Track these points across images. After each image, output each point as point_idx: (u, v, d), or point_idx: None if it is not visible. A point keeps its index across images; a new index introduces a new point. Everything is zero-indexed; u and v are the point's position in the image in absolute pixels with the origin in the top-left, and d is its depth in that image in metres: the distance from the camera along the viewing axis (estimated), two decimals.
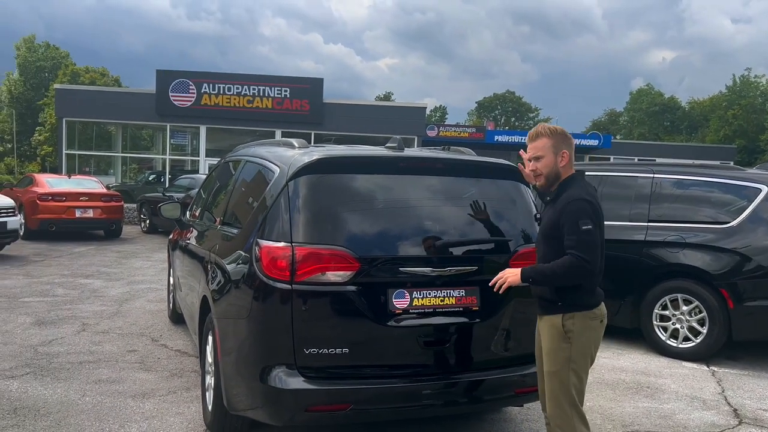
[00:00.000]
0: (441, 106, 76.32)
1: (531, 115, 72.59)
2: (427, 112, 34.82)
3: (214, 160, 24.58)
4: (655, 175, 6.61)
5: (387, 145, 3.91)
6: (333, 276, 3.26)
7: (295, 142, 3.93)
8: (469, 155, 4.08)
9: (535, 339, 3.23)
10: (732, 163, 32.73)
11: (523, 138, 32.97)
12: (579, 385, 2.98)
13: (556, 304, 2.99)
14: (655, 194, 6.50)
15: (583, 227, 2.84)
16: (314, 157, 3.48)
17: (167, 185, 21.24)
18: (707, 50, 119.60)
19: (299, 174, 3.42)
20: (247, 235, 3.61)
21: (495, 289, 3.07)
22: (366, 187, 3.54)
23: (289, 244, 3.26)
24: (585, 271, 2.84)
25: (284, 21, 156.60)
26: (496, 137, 32.91)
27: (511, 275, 3.01)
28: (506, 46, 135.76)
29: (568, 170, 3.05)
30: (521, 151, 3.19)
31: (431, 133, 31.10)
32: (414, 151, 4.16)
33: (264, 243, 3.34)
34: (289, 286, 3.22)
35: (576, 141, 31.83)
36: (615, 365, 5.79)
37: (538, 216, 3.16)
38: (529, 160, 3.08)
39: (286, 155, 3.71)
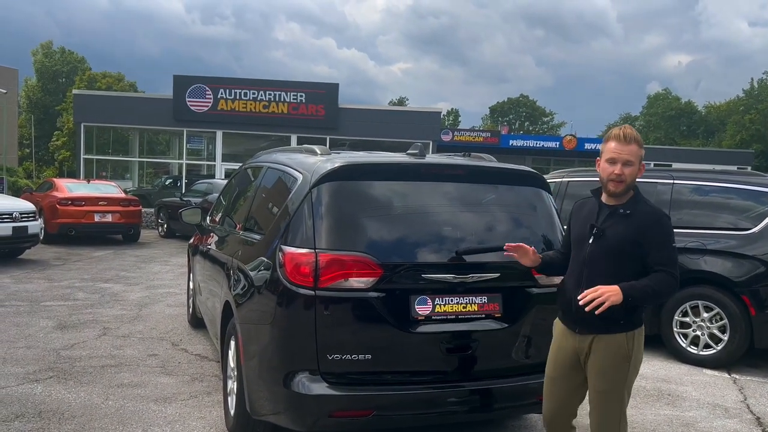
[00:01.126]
0: (454, 109, 76.42)
1: (545, 119, 72.42)
2: (441, 116, 34.81)
3: (230, 165, 24.78)
4: (675, 181, 6.57)
5: (408, 151, 3.93)
6: (356, 282, 3.28)
7: (317, 148, 3.96)
8: (490, 162, 4.10)
9: (555, 354, 3.07)
10: (749, 168, 32.42)
11: (538, 142, 32.90)
12: (628, 399, 2.94)
13: (618, 322, 2.83)
14: (675, 200, 6.47)
15: (673, 244, 2.83)
16: (337, 164, 3.51)
17: (184, 190, 21.40)
18: (724, 54, 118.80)
19: (322, 181, 3.45)
20: (270, 241, 3.64)
21: (588, 309, 2.72)
22: (388, 193, 3.56)
23: (313, 251, 3.28)
24: (676, 288, 2.82)
25: (298, 26, 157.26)
26: (511, 141, 32.86)
27: (612, 295, 2.69)
28: (520, 50, 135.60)
29: None
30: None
31: (446, 138, 31.14)
32: (436, 158, 4.18)
33: (287, 249, 3.37)
34: (312, 292, 3.25)
35: (592, 145, 31.46)
36: None
37: (597, 227, 2.88)
38: (613, 162, 2.82)
39: (308, 162, 3.75)
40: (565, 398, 3.03)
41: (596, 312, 2.71)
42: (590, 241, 2.88)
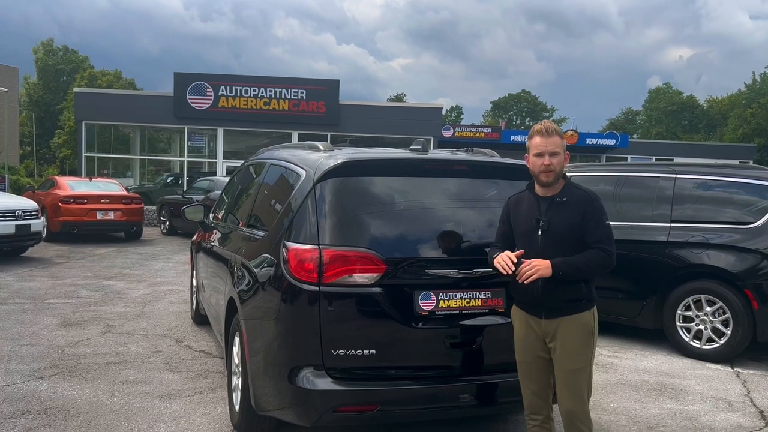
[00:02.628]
0: (456, 106, 76.23)
1: (546, 114, 72.27)
2: (443, 112, 34.73)
3: (232, 162, 24.75)
4: (678, 176, 6.57)
5: (411, 147, 3.94)
6: (360, 278, 3.29)
7: (320, 145, 3.96)
8: (492, 157, 4.11)
9: (524, 341, 3.18)
10: (751, 162, 32.36)
11: None
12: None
13: (581, 302, 3.05)
14: (678, 195, 6.47)
15: (606, 222, 3.02)
16: (340, 161, 3.51)
17: (186, 187, 21.40)
18: (725, 48, 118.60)
19: (325, 177, 3.46)
20: (274, 238, 3.65)
21: (521, 280, 2.98)
22: (391, 189, 3.57)
23: (317, 247, 3.29)
24: (611, 263, 3.00)
25: (297, 22, 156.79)
26: (512, 137, 32.78)
27: (542, 267, 2.93)
28: (521, 45, 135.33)
29: None
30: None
31: (447, 134, 31.08)
32: (438, 153, 4.18)
33: (291, 245, 3.37)
34: (316, 288, 3.26)
35: (593, 140, 31.23)
36: (638, 366, 5.77)
37: (543, 220, 3.05)
38: (540, 155, 3.03)
39: (311, 158, 3.75)
40: (541, 376, 3.19)
41: (526, 282, 2.95)
42: (539, 234, 3.05)
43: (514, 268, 2.99)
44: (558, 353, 3.05)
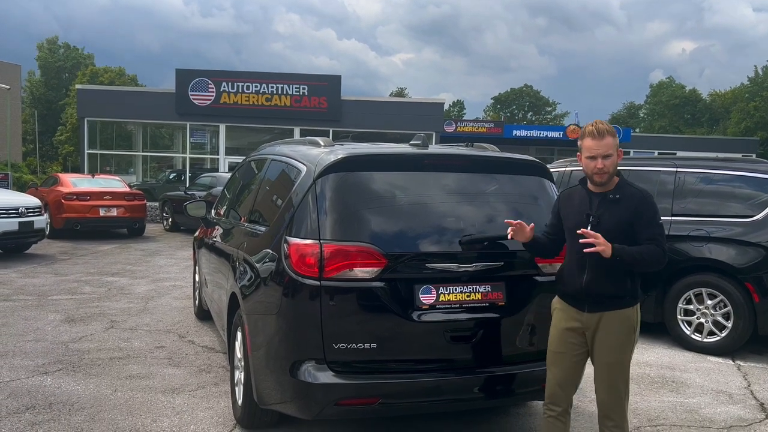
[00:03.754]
0: (458, 101, 76.22)
1: (548, 109, 72.18)
2: (445, 107, 34.71)
3: (234, 158, 24.79)
4: (678, 169, 6.58)
5: (411, 142, 3.96)
6: (360, 272, 3.31)
7: (320, 140, 3.98)
8: (492, 151, 4.12)
9: (561, 332, 3.19)
10: (754, 156, 32.29)
11: (542, 132, 32.73)
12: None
13: (625, 298, 3.06)
14: (678, 188, 6.48)
15: (659, 221, 3.04)
16: (340, 156, 3.53)
17: (188, 184, 21.45)
18: (728, 41, 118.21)
19: (326, 172, 3.47)
20: (275, 233, 3.68)
21: (585, 251, 2.92)
22: (392, 184, 3.59)
23: (318, 241, 3.32)
24: (664, 260, 3.01)
25: (298, 17, 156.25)
26: (514, 132, 32.76)
27: (605, 246, 2.90)
28: (523, 40, 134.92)
29: None
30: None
31: (449, 129, 31.09)
32: (439, 148, 4.19)
33: (292, 240, 3.40)
34: (317, 283, 3.28)
35: None
36: (639, 359, 5.79)
37: (593, 215, 3.06)
38: (593, 158, 3.01)
39: (312, 154, 3.77)
40: (571, 368, 3.18)
41: (585, 251, 2.93)
42: (588, 228, 3.03)
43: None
44: (597, 346, 3.08)
